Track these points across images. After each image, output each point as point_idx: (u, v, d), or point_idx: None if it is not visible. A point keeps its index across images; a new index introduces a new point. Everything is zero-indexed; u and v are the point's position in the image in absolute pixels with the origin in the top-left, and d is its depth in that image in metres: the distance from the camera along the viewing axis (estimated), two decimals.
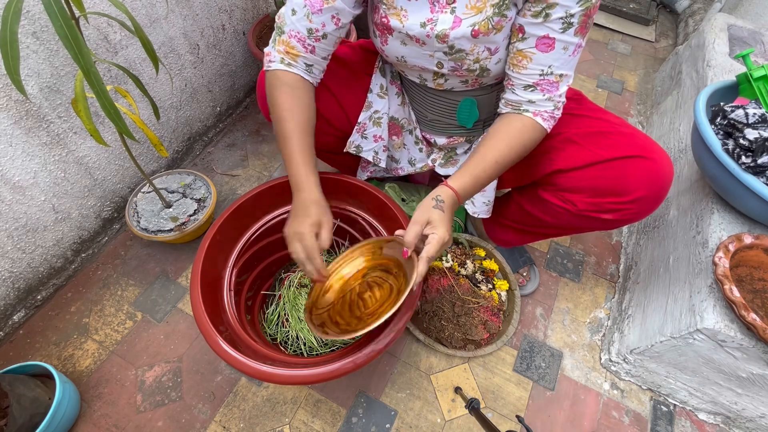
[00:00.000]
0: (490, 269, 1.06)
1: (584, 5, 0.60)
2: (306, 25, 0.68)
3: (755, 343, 0.71)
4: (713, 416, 0.92)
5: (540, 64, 0.65)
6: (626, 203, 0.72)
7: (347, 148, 0.92)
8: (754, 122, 0.76)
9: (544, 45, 0.64)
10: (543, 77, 0.66)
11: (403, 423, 0.90)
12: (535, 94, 0.68)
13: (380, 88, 0.88)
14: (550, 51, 0.64)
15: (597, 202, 0.75)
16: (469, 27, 0.65)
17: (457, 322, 0.98)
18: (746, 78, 0.91)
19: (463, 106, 0.83)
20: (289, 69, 0.72)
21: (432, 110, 0.88)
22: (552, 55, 0.64)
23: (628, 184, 0.71)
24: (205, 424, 0.89)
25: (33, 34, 0.82)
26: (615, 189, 0.72)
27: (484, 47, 0.68)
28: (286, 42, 0.70)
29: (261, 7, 1.44)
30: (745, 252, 0.76)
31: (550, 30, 0.62)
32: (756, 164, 0.73)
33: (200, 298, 0.73)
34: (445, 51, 0.70)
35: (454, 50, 0.69)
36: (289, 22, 0.69)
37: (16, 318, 0.99)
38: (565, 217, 0.81)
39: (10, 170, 0.87)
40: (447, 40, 0.67)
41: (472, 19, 0.65)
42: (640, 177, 0.70)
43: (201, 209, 1.10)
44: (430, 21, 0.67)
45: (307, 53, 0.71)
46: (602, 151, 0.72)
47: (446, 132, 0.91)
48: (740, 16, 1.61)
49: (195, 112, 1.32)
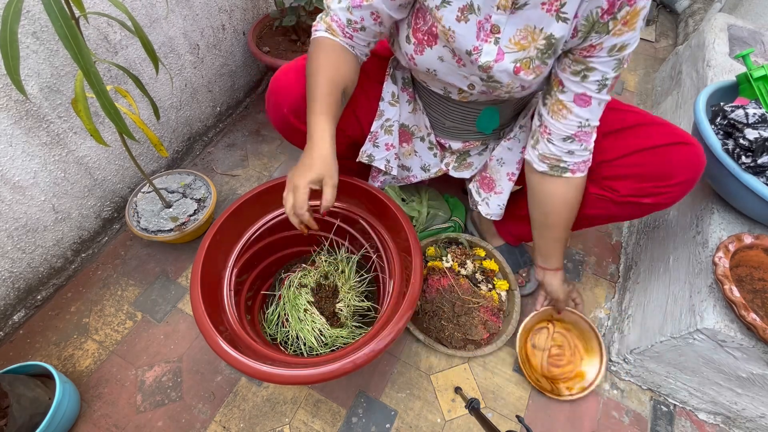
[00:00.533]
0: (489, 269, 1.07)
1: (617, 71, 0.65)
2: (346, 16, 0.69)
3: (755, 343, 0.71)
4: (713, 416, 0.92)
5: (579, 116, 0.70)
6: (669, 186, 0.75)
7: (360, 158, 0.91)
8: (754, 122, 0.76)
9: (582, 101, 0.69)
10: (581, 129, 0.71)
11: (403, 423, 0.90)
12: (574, 145, 0.73)
13: (391, 95, 0.87)
14: (587, 106, 0.69)
15: (641, 187, 0.77)
16: (512, 63, 0.67)
17: (457, 321, 0.98)
18: (746, 78, 0.91)
19: (484, 114, 0.85)
20: (334, 38, 0.71)
21: (451, 118, 0.88)
22: (589, 110, 0.69)
23: (673, 169, 0.74)
24: (205, 424, 0.89)
25: (33, 34, 0.82)
26: (659, 174, 0.75)
27: (519, 84, 0.70)
28: (329, 23, 0.71)
29: (261, 7, 1.44)
30: (745, 252, 0.76)
31: (587, 89, 0.67)
32: (756, 164, 0.73)
33: (200, 298, 0.73)
34: (483, 78, 0.71)
35: (492, 80, 0.71)
36: (334, 6, 0.70)
37: (16, 318, 1.00)
38: (604, 205, 0.83)
39: (10, 170, 0.87)
40: (490, 71, 0.69)
41: (514, 55, 0.66)
42: (684, 161, 0.73)
43: (201, 209, 1.10)
44: (476, 50, 0.67)
45: (346, 39, 0.71)
46: (643, 140, 0.75)
47: (463, 137, 0.92)
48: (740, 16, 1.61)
49: (195, 112, 1.32)
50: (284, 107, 0.81)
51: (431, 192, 1.18)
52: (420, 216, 1.12)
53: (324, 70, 0.69)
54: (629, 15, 0.59)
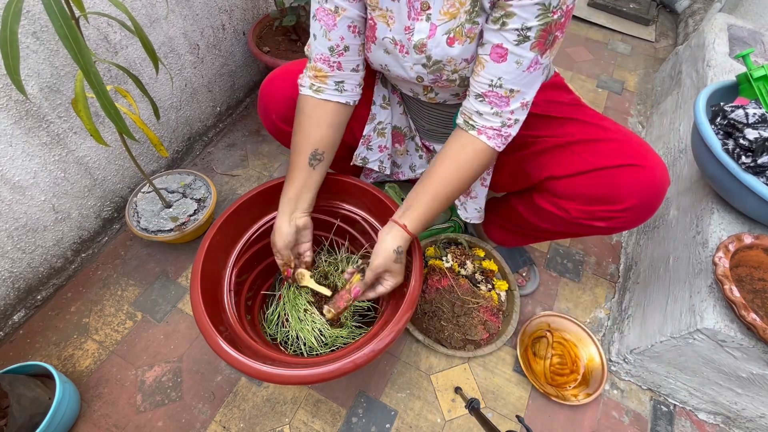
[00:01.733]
0: (489, 269, 1.07)
1: (543, 20, 0.57)
2: (326, 44, 0.70)
3: (755, 343, 0.71)
4: (713, 416, 0.92)
5: (490, 74, 0.63)
6: (618, 212, 0.72)
7: (354, 161, 0.93)
8: (754, 122, 0.76)
9: (497, 55, 0.61)
10: (491, 89, 0.64)
11: (403, 423, 0.90)
12: (483, 106, 0.66)
13: (383, 99, 0.88)
14: (501, 62, 0.62)
15: (589, 210, 0.74)
16: (444, 35, 0.65)
17: (457, 322, 0.98)
18: (746, 78, 0.91)
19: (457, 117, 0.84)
20: (316, 95, 0.73)
21: (428, 121, 0.89)
22: (503, 67, 0.62)
23: (620, 193, 0.70)
24: (205, 424, 0.89)
25: (33, 34, 0.82)
26: (607, 197, 0.72)
27: (462, 59, 0.67)
28: (314, 67, 0.73)
29: (261, 7, 1.44)
30: (745, 252, 0.76)
31: (504, 40, 0.60)
32: (756, 164, 0.73)
33: (200, 298, 0.73)
34: (423, 63, 0.69)
35: (432, 61, 0.68)
36: (314, 47, 0.71)
37: (16, 318, 0.99)
38: (560, 224, 0.81)
39: (10, 170, 0.87)
40: (425, 50, 0.67)
41: (446, 25, 0.64)
42: (632, 185, 0.69)
43: (201, 209, 1.10)
44: (407, 29, 0.66)
45: (334, 71, 0.72)
46: (594, 159, 0.72)
47: (443, 140, 0.91)
48: (740, 16, 1.61)
49: (195, 112, 1.32)
50: (272, 114, 0.85)
51: None
52: None
53: (295, 139, 0.76)
54: None
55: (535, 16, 0.57)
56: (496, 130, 0.67)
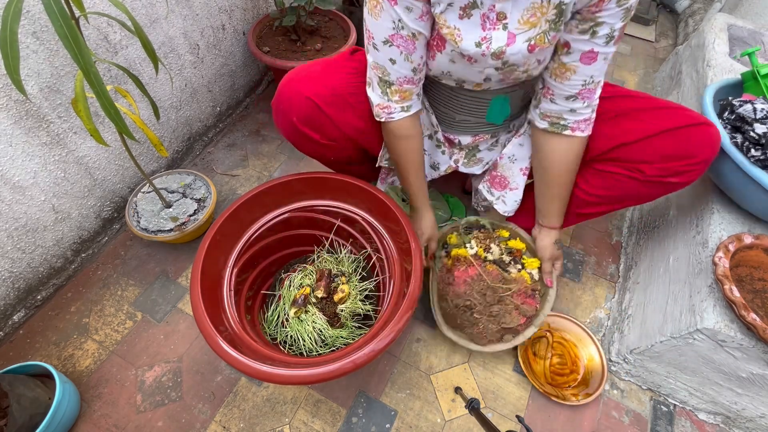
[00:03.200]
0: (516, 249, 1.02)
1: (626, 18, 0.64)
2: (409, 67, 0.74)
3: (755, 343, 0.71)
4: (713, 416, 0.92)
5: (583, 75, 0.70)
6: (694, 164, 0.76)
7: (379, 163, 0.95)
8: (762, 117, 0.77)
9: (588, 58, 0.69)
10: (585, 86, 0.72)
11: (403, 423, 0.90)
12: (576, 103, 0.74)
13: None
14: (592, 63, 0.69)
15: (666, 167, 0.78)
16: (525, 42, 0.67)
17: (490, 312, 0.93)
18: (752, 75, 0.91)
19: (494, 104, 0.84)
20: (408, 113, 0.79)
21: (461, 111, 0.88)
22: (594, 67, 0.69)
23: (696, 147, 0.75)
24: (205, 424, 0.89)
25: (33, 34, 0.82)
26: (684, 153, 0.76)
27: (536, 59, 0.71)
28: (399, 90, 0.76)
29: (261, 7, 1.44)
30: (745, 252, 0.76)
31: (595, 45, 0.67)
32: (766, 157, 0.74)
33: (200, 298, 0.73)
34: (497, 67, 0.71)
35: (507, 65, 0.71)
36: (393, 71, 0.74)
37: (16, 318, 0.99)
38: (630, 185, 0.84)
39: (10, 170, 0.87)
40: (503, 56, 0.69)
41: (526, 34, 0.66)
42: (705, 141, 0.75)
43: (201, 209, 1.10)
44: (484, 40, 0.67)
45: (417, 85, 0.78)
46: (664, 122, 0.76)
47: (473, 131, 0.92)
48: (740, 16, 1.61)
49: (195, 112, 1.32)
50: (293, 115, 0.81)
51: (431, 192, 1.18)
52: None
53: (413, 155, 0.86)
54: None
55: (620, 19, 0.64)
56: (587, 120, 0.76)
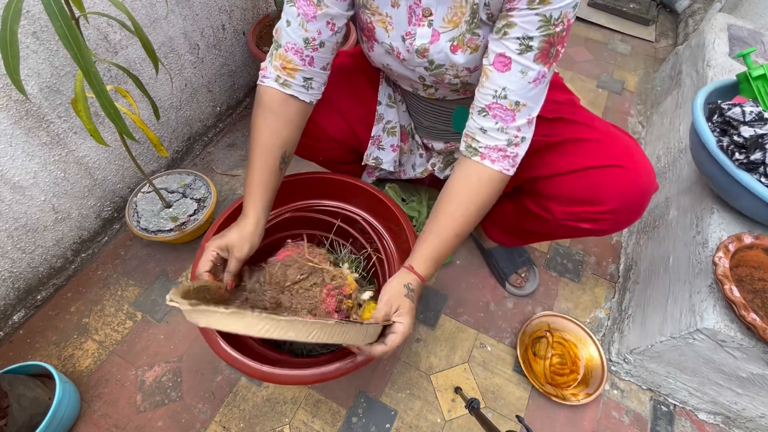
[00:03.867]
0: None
1: (545, 32, 0.56)
2: (302, 35, 0.66)
3: (755, 343, 0.71)
4: (713, 416, 0.92)
5: (495, 84, 0.60)
6: (601, 213, 0.71)
7: (366, 161, 0.92)
8: (750, 120, 0.77)
9: (500, 64, 0.60)
10: (496, 100, 0.61)
11: (403, 423, 0.90)
12: (487, 121, 0.62)
13: (388, 98, 0.88)
14: (506, 71, 0.59)
15: (573, 211, 0.74)
16: (448, 42, 0.65)
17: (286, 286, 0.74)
18: (746, 77, 0.91)
19: (456, 114, 0.83)
20: (283, 89, 0.68)
21: (427, 118, 0.88)
22: (508, 77, 0.59)
23: (602, 194, 0.69)
24: (205, 424, 0.89)
25: (33, 34, 0.82)
26: (589, 198, 0.71)
27: (464, 67, 0.67)
28: (283, 56, 0.67)
29: (261, 7, 1.44)
30: (745, 252, 0.76)
31: (506, 48, 0.58)
32: (749, 160, 0.73)
33: None
34: (425, 66, 0.69)
35: (434, 65, 0.68)
36: (285, 34, 0.67)
37: (16, 318, 0.99)
38: (547, 226, 0.81)
39: (10, 170, 0.87)
40: (427, 54, 0.67)
41: (450, 33, 0.64)
42: (614, 187, 0.68)
43: (201, 209, 1.10)
44: (408, 35, 0.66)
45: (305, 66, 0.68)
46: (578, 159, 0.71)
47: (443, 138, 0.91)
48: (740, 16, 1.61)
49: (195, 112, 1.32)
50: None
51: (431, 192, 1.18)
52: (420, 216, 1.12)
53: (264, 139, 0.69)
54: None
55: (536, 28, 0.56)
56: (501, 150, 0.63)
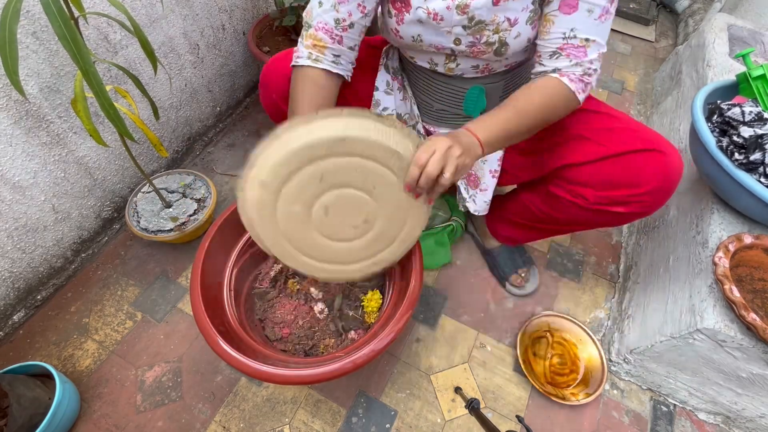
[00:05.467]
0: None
1: None
2: (333, 16, 0.69)
3: (755, 343, 0.71)
4: (713, 416, 0.92)
5: (563, 26, 0.63)
6: (639, 195, 0.73)
7: None
8: (749, 120, 0.77)
9: (567, 6, 0.62)
10: (566, 41, 0.64)
11: (403, 423, 0.90)
12: (561, 61, 0.66)
13: (386, 84, 0.88)
14: (573, 12, 0.62)
15: (609, 195, 0.75)
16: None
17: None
18: (746, 77, 0.91)
19: (470, 94, 0.83)
20: (316, 64, 0.72)
21: (439, 99, 0.87)
22: (575, 17, 0.62)
23: (641, 176, 0.71)
24: (205, 424, 0.89)
25: (33, 34, 0.82)
26: (628, 181, 0.72)
27: (504, 17, 0.67)
28: (313, 35, 0.71)
29: (261, 7, 1.44)
30: (745, 252, 0.76)
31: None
32: (748, 161, 0.73)
33: (200, 298, 0.73)
34: (464, 24, 0.68)
35: (474, 22, 0.68)
36: (316, 14, 0.70)
37: (16, 318, 1.00)
38: (575, 212, 0.81)
39: (10, 170, 0.87)
40: (467, 10, 0.66)
41: None
42: (653, 169, 0.71)
43: (201, 209, 1.10)
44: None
45: (335, 44, 0.72)
46: (614, 145, 0.73)
47: (451, 123, 0.91)
48: (740, 16, 1.61)
49: (195, 112, 1.32)
50: (273, 94, 0.85)
51: None
52: None
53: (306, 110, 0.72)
54: None
55: None
56: (578, 75, 0.66)
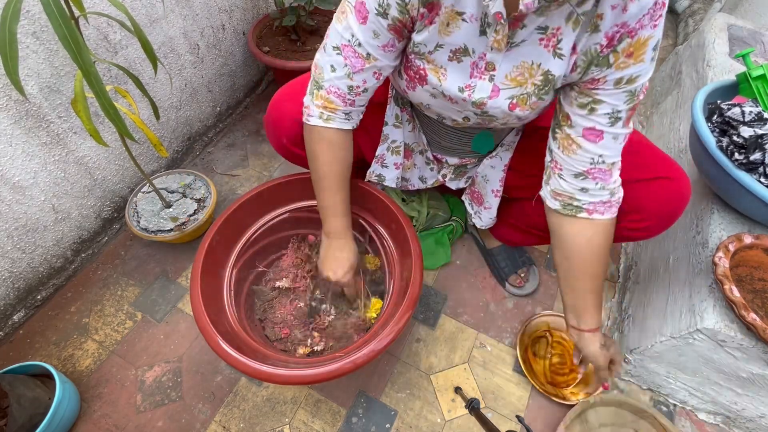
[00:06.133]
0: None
1: (630, 104, 0.59)
2: (347, 83, 0.67)
3: (755, 343, 0.71)
4: (713, 416, 0.92)
5: (590, 153, 0.63)
6: (642, 221, 0.73)
7: (368, 178, 0.93)
8: (750, 120, 0.76)
9: (593, 135, 0.62)
10: (594, 166, 0.64)
11: (403, 423, 0.90)
12: (587, 183, 0.65)
13: (395, 118, 0.86)
14: (599, 141, 0.62)
15: None
16: (507, 100, 0.64)
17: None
18: (746, 77, 0.91)
19: (478, 137, 0.84)
20: (328, 124, 0.71)
21: (446, 139, 0.87)
22: (602, 146, 0.62)
23: (647, 205, 0.71)
24: (205, 424, 0.89)
25: (33, 34, 0.82)
26: (632, 209, 0.72)
27: (516, 117, 0.68)
28: (325, 98, 0.69)
29: (261, 7, 1.44)
30: (745, 252, 0.76)
31: (596, 123, 0.61)
32: (748, 161, 0.73)
33: (200, 298, 0.73)
34: (477, 113, 0.69)
35: (486, 115, 0.68)
36: (328, 78, 0.67)
37: (16, 318, 1.00)
38: None
39: (10, 170, 0.87)
40: (484, 107, 0.66)
41: (510, 91, 0.64)
42: (659, 197, 0.71)
43: (201, 209, 1.10)
44: (468, 87, 0.65)
45: (347, 106, 0.70)
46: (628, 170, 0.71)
47: (459, 155, 0.92)
48: (740, 16, 1.61)
49: (195, 112, 1.32)
50: (283, 138, 0.83)
51: (431, 192, 1.18)
52: (420, 216, 1.12)
53: (332, 171, 0.75)
54: (632, 47, 0.54)
55: (623, 102, 0.58)
56: (607, 203, 0.67)
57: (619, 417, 0.88)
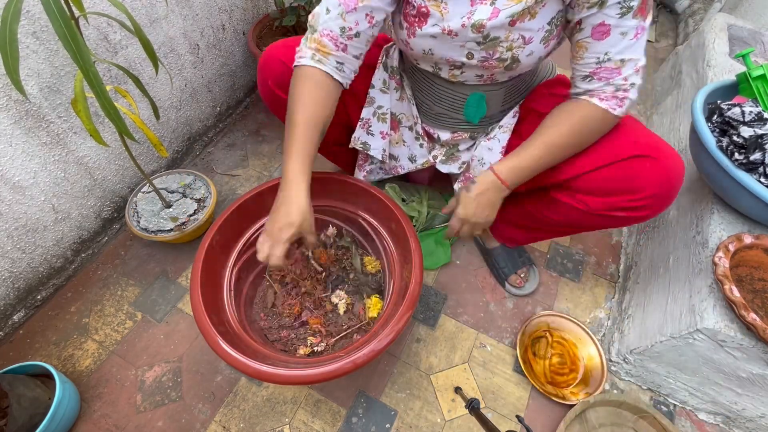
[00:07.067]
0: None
1: None
2: (339, 24, 0.68)
3: (755, 343, 0.71)
4: (713, 416, 0.92)
5: (596, 51, 0.64)
6: (639, 200, 0.73)
7: (353, 144, 0.92)
8: (750, 120, 0.77)
9: (600, 33, 0.63)
10: (600, 65, 0.65)
11: (403, 423, 0.90)
12: (593, 84, 0.67)
13: (383, 83, 0.87)
14: (605, 38, 0.63)
15: (610, 202, 0.75)
16: (508, 18, 0.65)
17: None
18: (746, 77, 0.91)
19: (471, 100, 0.83)
20: (319, 65, 0.71)
21: (439, 103, 0.87)
22: (607, 42, 0.63)
23: (639, 183, 0.71)
24: (205, 424, 0.89)
25: (33, 33, 0.82)
26: (627, 188, 0.72)
27: (519, 35, 0.67)
28: (318, 40, 0.70)
29: (261, 7, 1.44)
30: (745, 252, 0.76)
31: (606, 17, 0.61)
32: (748, 161, 0.73)
33: (200, 298, 0.73)
34: (478, 41, 0.69)
35: (489, 39, 0.68)
36: (322, 20, 0.69)
37: (16, 318, 1.00)
38: (577, 216, 0.81)
39: (10, 170, 0.87)
40: (483, 30, 0.66)
41: (510, 9, 0.64)
42: (650, 175, 0.70)
43: (201, 209, 1.10)
44: (469, 14, 0.66)
45: (339, 51, 0.71)
46: (615, 151, 0.72)
47: (451, 127, 0.91)
48: (740, 16, 1.61)
49: (195, 112, 1.32)
50: (269, 80, 0.85)
51: (431, 192, 1.18)
52: (420, 216, 1.12)
53: (305, 110, 0.70)
54: None
55: None
56: (610, 93, 0.67)
57: (618, 417, 0.88)
